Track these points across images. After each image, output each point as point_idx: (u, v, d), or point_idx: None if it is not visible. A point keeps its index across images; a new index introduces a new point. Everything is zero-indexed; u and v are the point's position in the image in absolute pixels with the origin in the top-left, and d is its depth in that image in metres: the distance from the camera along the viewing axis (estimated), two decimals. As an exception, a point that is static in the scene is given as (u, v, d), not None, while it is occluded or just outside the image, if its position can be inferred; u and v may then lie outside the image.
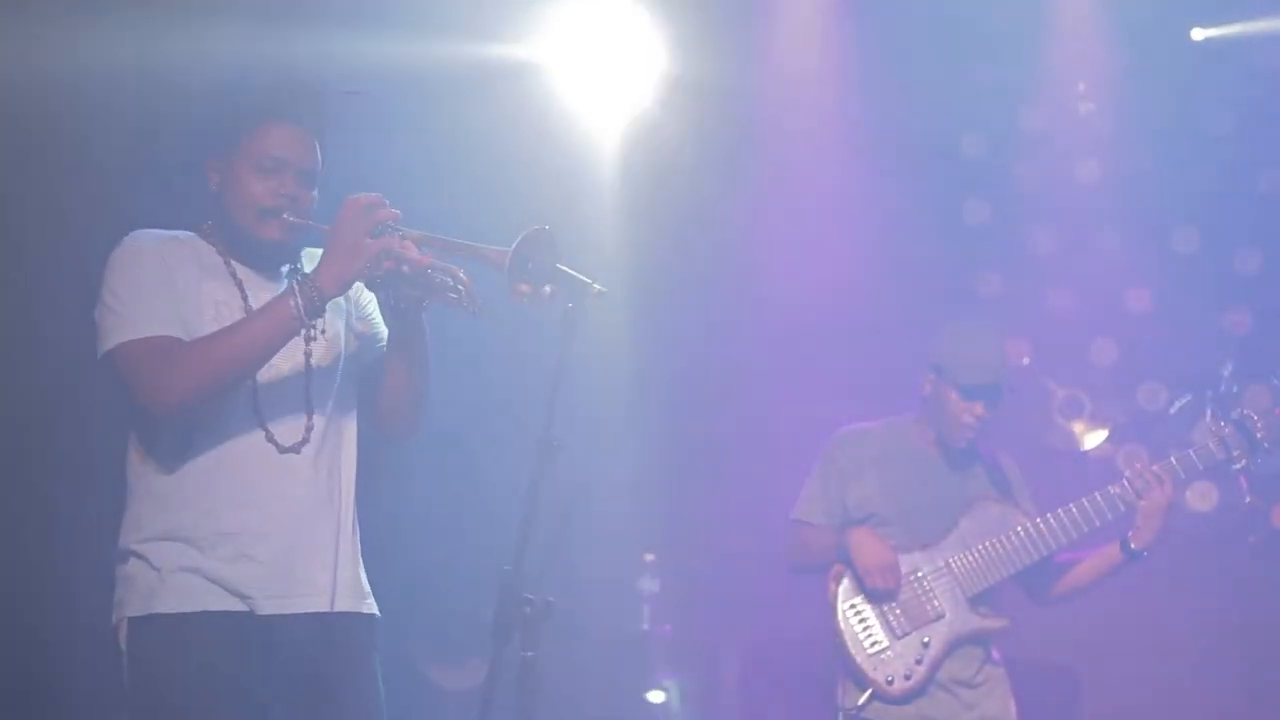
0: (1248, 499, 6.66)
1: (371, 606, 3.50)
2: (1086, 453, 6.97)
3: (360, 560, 3.49)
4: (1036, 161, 7.14)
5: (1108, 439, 7.00)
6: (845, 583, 4.71)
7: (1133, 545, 4.70)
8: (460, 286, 3.22)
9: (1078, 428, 7.09)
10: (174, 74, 5.44)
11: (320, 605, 3.35)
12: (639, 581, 6.70)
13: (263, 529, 3.29)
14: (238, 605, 3.28)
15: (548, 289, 3.10)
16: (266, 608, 3.29)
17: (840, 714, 4.66)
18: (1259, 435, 4.77)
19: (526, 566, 2.97)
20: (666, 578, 6.74)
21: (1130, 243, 7.07)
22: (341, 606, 3.39)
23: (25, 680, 5.16)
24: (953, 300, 6.97)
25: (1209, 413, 4.95)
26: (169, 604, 3.25)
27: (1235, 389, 6.75)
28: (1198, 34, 6.80)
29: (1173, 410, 6.64)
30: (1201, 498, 6.76)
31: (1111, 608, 6.61)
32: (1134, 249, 7.07)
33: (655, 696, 6.55)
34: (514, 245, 3.08)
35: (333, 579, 3.37)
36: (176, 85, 5.35)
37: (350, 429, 3.48)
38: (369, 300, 3.56)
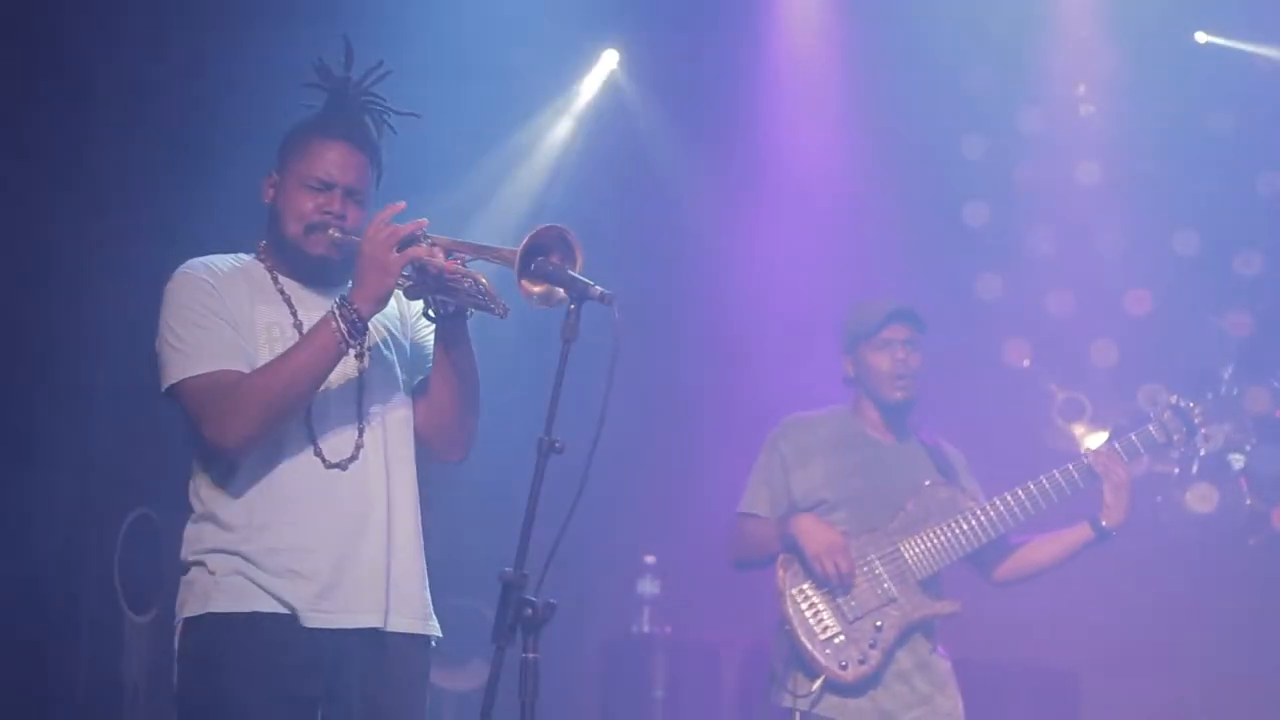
0: (1248, 501, 6.69)
1: (433, 628, 3.48)
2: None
3: (425, 579, 3.47)
4: (1037, 163, 7.14)
5: (1108, 440, 6.99)
6: (794, 567, 4.62)
7: (1104, 523, 4.66)
8: (483, 291, 3.24)
9: (1078, 429, 7.09)
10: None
11: (371, 622, 3.33)
12: (639, 584, 6.71)
13: (310, 545, 3.30)
14: (287, 611, 3.29)
15: (558, 292, 3.09)
16: (313, 621, 3.29)
17: (794, 708, 4.58)
18: (1196, 421, 4.78)
19: (527, 568, 2.96)
20: (666, 580, 6.74)
21: (1131, 244, 7.08)
22: (398, 627, 3.38)
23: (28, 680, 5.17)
24: (952, 302, 6.97)
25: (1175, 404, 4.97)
26: (222, 604, 3.28)
27: (1236, 391, 6.76)
28: (1201, 38, 6.80)
29: (1173, 412, 6.65)
30: (1202, 500, 6.76)
31: (1111, 610, 6.63)
32: (1135, 250, 7.07)
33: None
34: (523, 243, 3.08)
35: (384, 597, 3.35)
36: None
37: (407, 444, 3.48)
38: (417, 315, 3.57)
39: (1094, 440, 6.96)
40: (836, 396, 4.97)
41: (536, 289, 3.10)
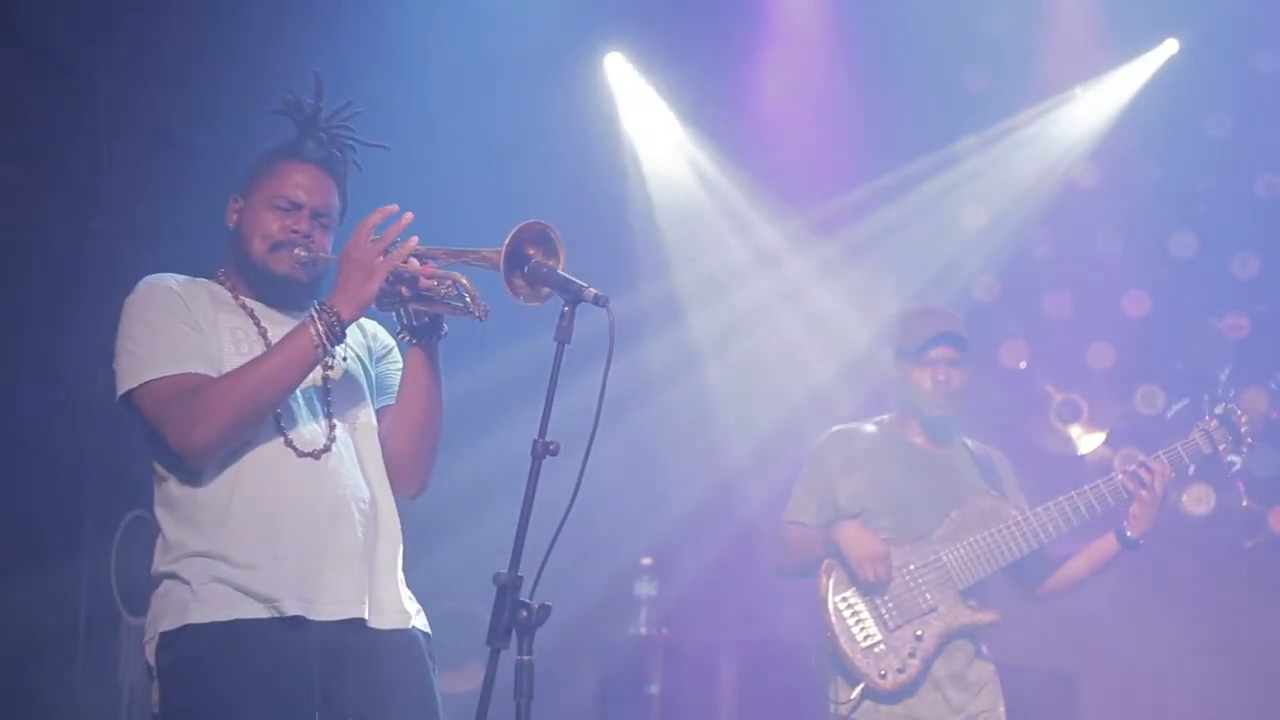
0: (1245, 503, 6.68)
1: (423, 623, 3.45)
2: (1083, 456, 6.98)
3: (402, 578, 3.43)
4: (1035, 165, 7.14)
5: (1105, 442, 7.00)
6: (836, 576, 4.66)
7: (1129, 534, 4.67)
8: (464, 294, 3.21)
9: (1075, 431, 7.09)
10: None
11: (354, 612, 3.30)
12: (636, 585, 6.70)
13: (287, 536, 3.26)
14: (270, 612, 3.24)
15: (545, 289, 3.07)
16: (294, 608, 3.24)
17: (831, 711, 4.61)
18: (1243, 430, 4.78)
19: (523, 570, 2.95)
20: (663, 582, 6.74)
21: (1129, 246, 7.08)
22: (383, 624, 3.34)
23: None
24: (950, 304, 6.98)
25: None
26: (202, 614, 3.22)
27: (1233, 392, 6.76)
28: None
29: (1170, 414, 6.65)
30: (1199, 501, 6.76)
31: (1109, 611, 6.62)
32: (1132, 253, 7.08)
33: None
34: (506, 241, 3.06)
35: (365, 586, 3.32)
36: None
37: (376, 446, 3.45)
38: (387, 341, 3.57)
39: (1090, 442, 6.98)
40: (834, 403, 4.98)
41: (520, 282, 3.08)
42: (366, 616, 3.31)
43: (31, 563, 5.17)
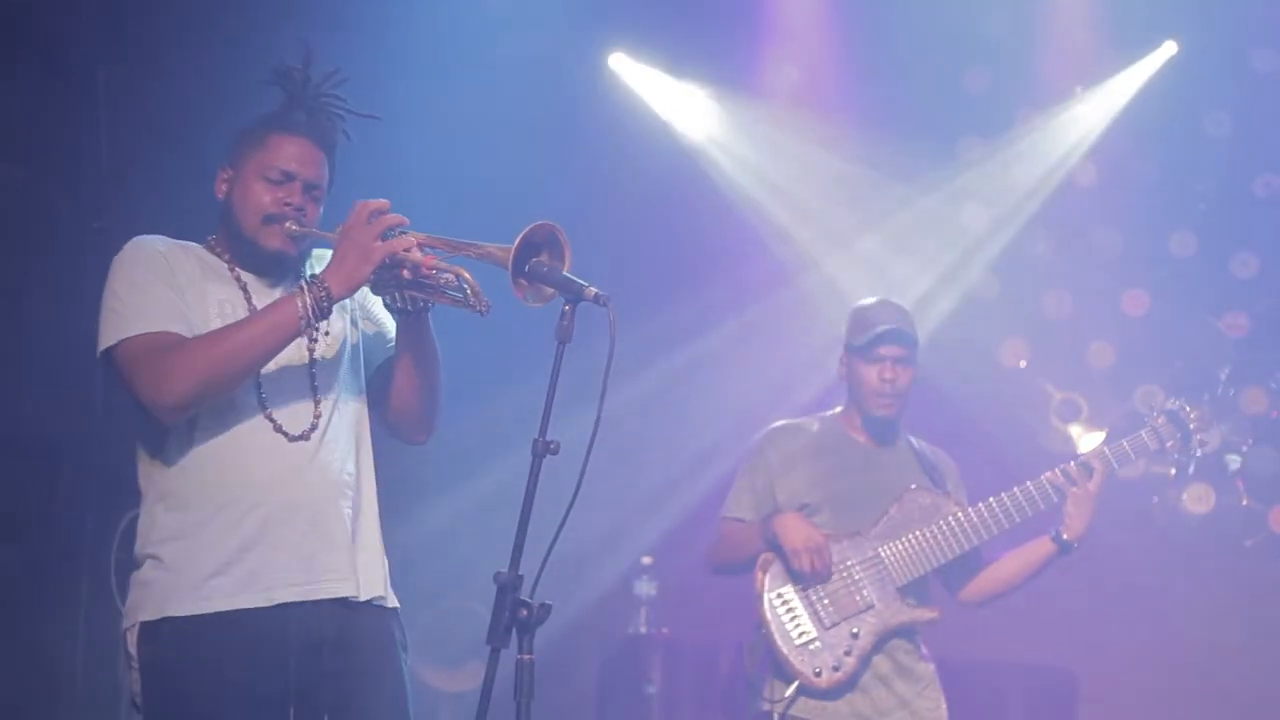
0: (1245, 502, 6.68)
1: (393, 600, 3.45)
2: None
3: (383, 551, 3.44)
4: (1034, 164, 7.15)
5: (1105, 442, 6.99)
6: (773, 570, 4.58)
7: (1064, 536, 4.61)
8: (465, 287, 3.20)
9: (1075, 430, 7.10)
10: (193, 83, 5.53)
11: (345, 590, 3.30)
12: (636, 585, 6.70)
13: (278, 518, 3.25)
14: (255, 601, 3.23)
15: (549, 289, 3.07)
16: (286, 595, 3.24)
17: (772, 711, 4.54)
18: (1191, 426, 4.73)
19: (523, 570, 2.96)
20: (663, 581, 6.74)
21: (1128, 245, 7.09)
22: (368, 594, 3.35)
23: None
24: (949, 302, 6.99)
25: (1152, 404, 4.91)
26: (183, 606, 3.20)
27: (1233, 392, 6.77)
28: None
29: (1170, 414, 6.64)
30: (1199, 500, 6.77)
31: (1108, 610, 6.63)
32: (1132, 252, 7.08)
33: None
34: (517, 241, 3.05)
35: (353, 564, 3.32)
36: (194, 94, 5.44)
37: (363, 418, 3.46)
38: (373, 300, 3.55)
39: (1089, 441, 6.97)
40: (832, 403, 4.95)
41: (525, 282, 3.08)
42: (356, 593, 3.31)
43: (31, 562, 5.17)
